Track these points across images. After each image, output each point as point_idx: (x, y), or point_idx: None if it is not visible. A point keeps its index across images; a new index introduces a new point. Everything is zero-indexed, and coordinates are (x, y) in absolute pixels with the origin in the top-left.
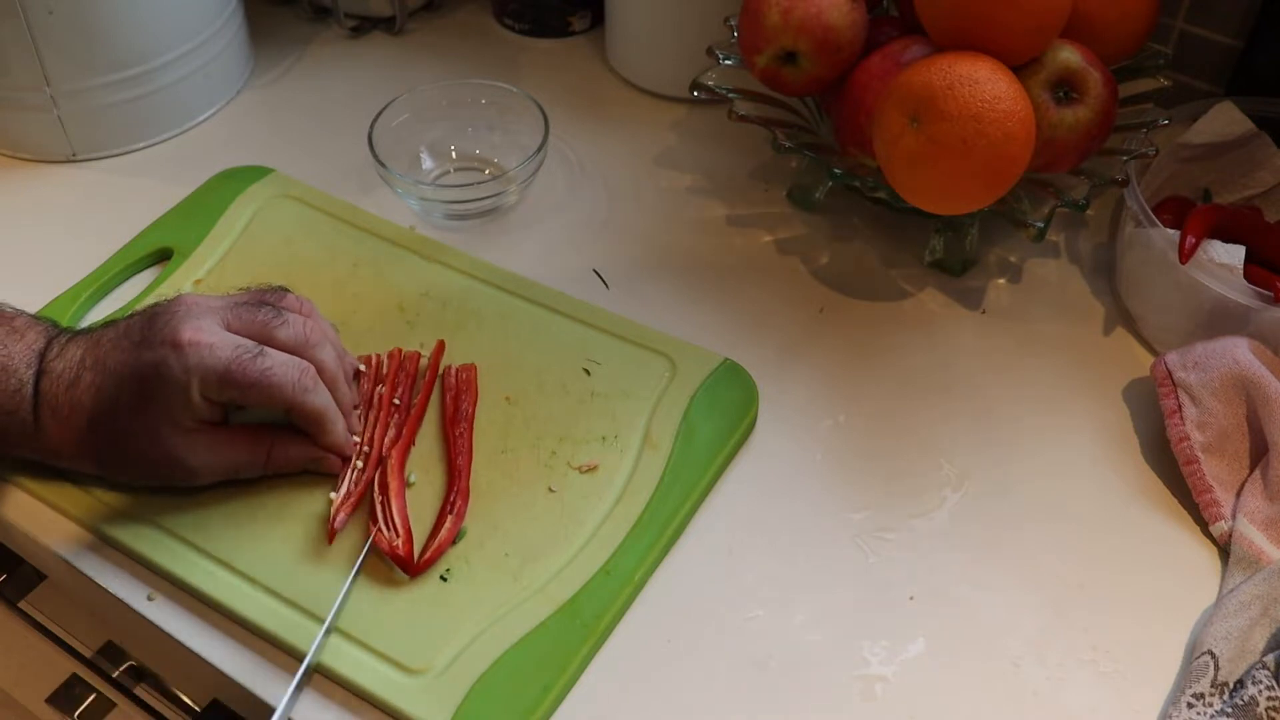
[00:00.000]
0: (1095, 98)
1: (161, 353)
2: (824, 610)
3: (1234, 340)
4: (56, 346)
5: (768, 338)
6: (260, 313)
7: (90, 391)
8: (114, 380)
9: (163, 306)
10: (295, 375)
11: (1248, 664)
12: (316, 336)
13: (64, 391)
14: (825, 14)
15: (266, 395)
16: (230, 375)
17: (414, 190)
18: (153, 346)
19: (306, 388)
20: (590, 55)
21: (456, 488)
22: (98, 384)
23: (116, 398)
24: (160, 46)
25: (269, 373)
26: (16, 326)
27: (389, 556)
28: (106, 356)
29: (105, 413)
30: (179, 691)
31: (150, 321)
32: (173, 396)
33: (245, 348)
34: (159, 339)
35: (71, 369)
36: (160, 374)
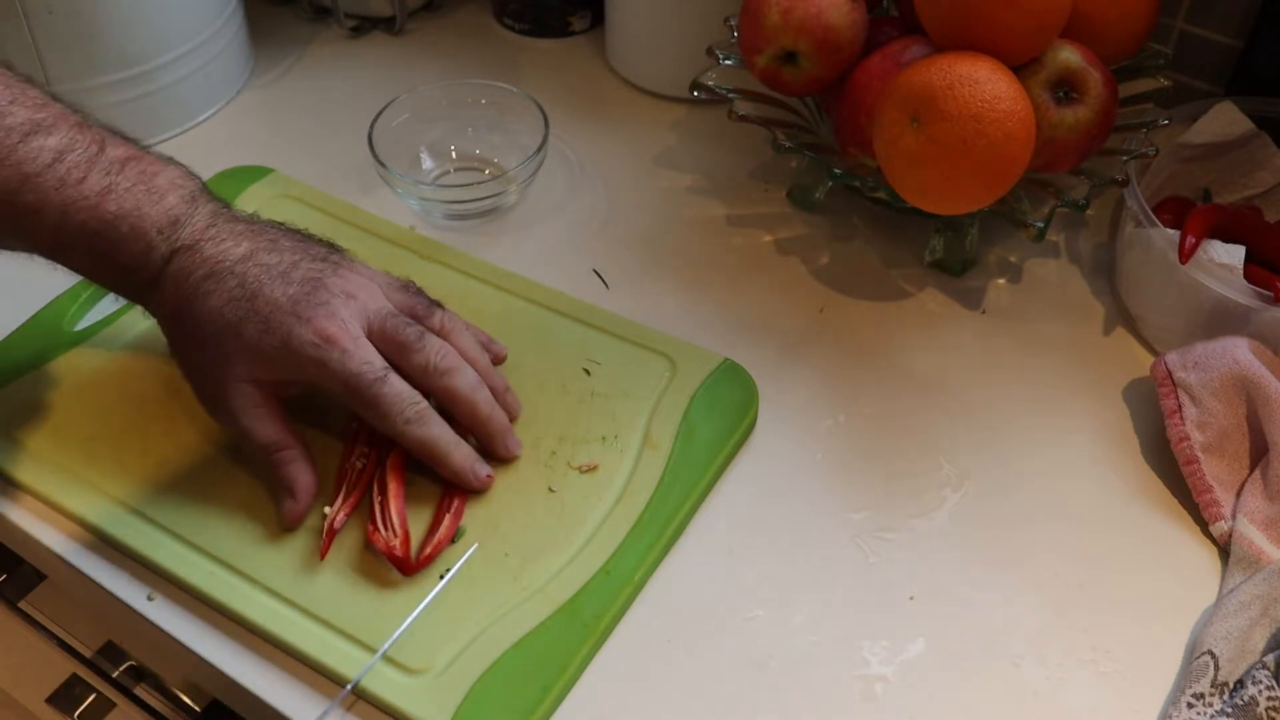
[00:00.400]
0: (1095, 98)
1: (300, 331)
2: (824, 610)
3: (1234, 340)
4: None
5: (768, 338)
6: (404, 331)
7: (220, 298)
8: (243, 312)
9: (329, 272)
10: (403, 408)
11: (1248, 664)
12: (451, 363)
13: (192, 282)
14: (825, 14)
15: (373, 416)
16: (347, 387)
17: (414, 190)
18: (299, 315)
19: (409, 419)
20: (590, 55)
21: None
22: (228, 299)
23: (235, 329)
24: (160, 46)
25: (381, 399)
26: (156, 183)
27: (385, 556)
28: (255, 281)
29: (214, 328)
30: (179, 691)
31: (314, 285)
32: (279, 370)
33: (372, 366)
34: (306, 313)
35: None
36: (287, 345)
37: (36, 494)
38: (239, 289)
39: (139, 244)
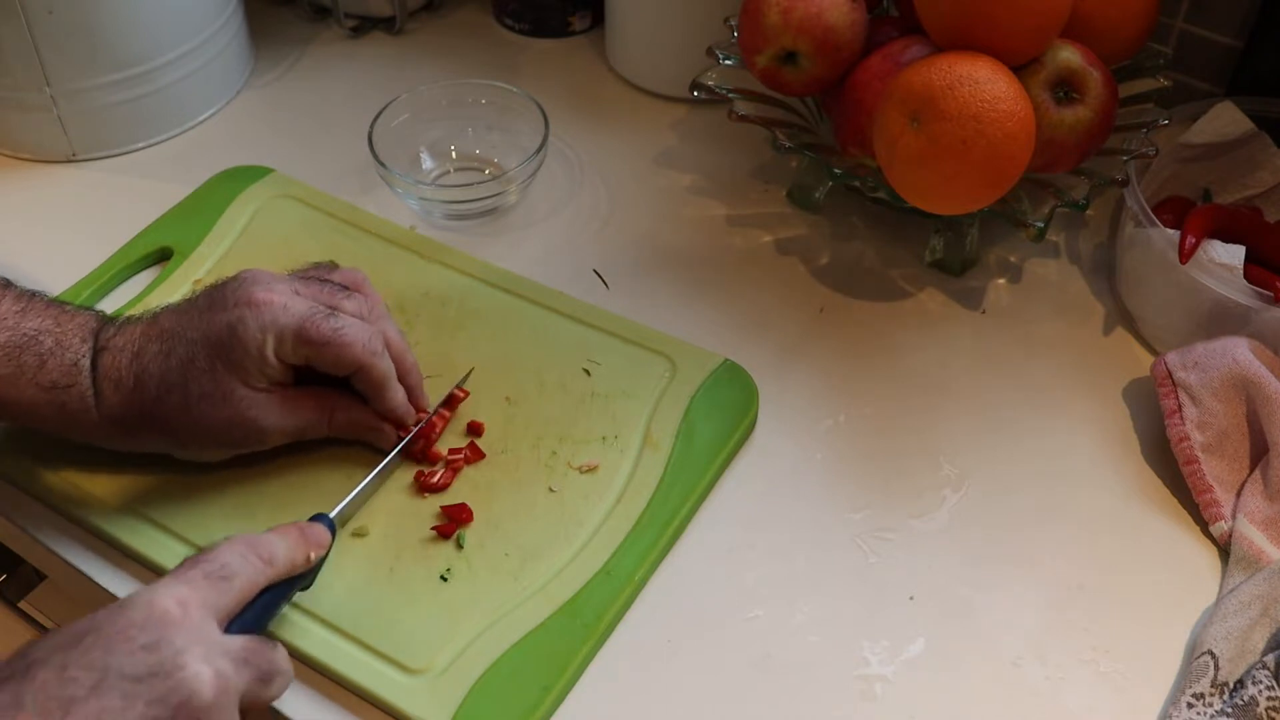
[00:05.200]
0: (1095, 98)
1: (237, 313)
2: (824, 610)
3: (1234, 340)
4: (112, 328)
5: (768, 338)
6: (325, 286)
7: (159, 359)
8: (185, 344)
9: (227, 279)
10: (366, 337)
11: (1248, 664)
12: (380, 310)
13: (127, 364)
14: (825, 14)
15: (337, 354)
16: (304, 332)
17: (414, 190)
18: (226, 308)
19: (375, 350)
20: (590, 55)
21: None
22: (166, 350)
23: (189, 360)
24: (160, 46)
25: (341, 332)
26: (66, 310)
27: None
28: (174, 326)
29: (176, 377)
30: None
31: (218, 289)
32: (248, 355)
33: (318, 308)
34: (232, 301)
35: (133, 342)
36: (236, 333)
37: (36, 494)
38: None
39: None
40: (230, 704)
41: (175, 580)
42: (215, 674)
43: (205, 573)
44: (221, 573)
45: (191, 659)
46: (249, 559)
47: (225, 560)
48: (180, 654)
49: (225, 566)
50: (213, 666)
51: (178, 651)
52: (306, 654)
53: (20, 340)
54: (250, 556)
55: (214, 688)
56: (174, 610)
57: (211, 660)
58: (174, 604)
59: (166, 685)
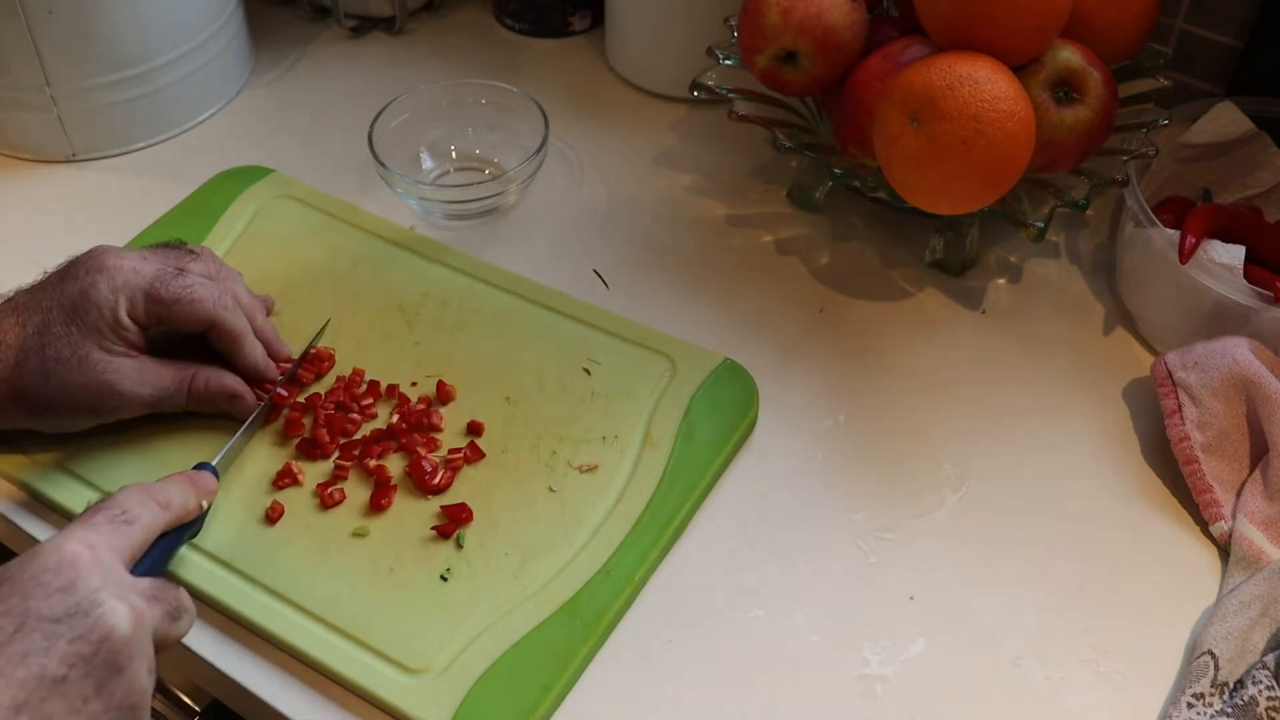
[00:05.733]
0: (1095, 98)
1: (89, 279)
2: (824, 610)
3: (1234, 340)
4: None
5: (768, 338)
6: (173, 252)
7: (15, 330)
8: (40, 312)
9: (79, 255)
10: (215, 293)
11: (1248, 664)
12: (226, 272)
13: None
14: (825, 14)
15: (189, 311)
16: (154, 291)
17: (414, 190)
18: (78, 276)
19: (226, 305)
20: (590, 55)
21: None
22: (22, 321)
23: (45, 327)
24: (160, 46)
25: (191, 289)
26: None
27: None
28: (29, 300)
29: (33, 344)
30: (179, 691)
31: (71, 263)
32: (102, 317)
33: (167, 269)
34: (84, 269)
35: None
36: (88, 296)
37: (35, 493)
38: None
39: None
40: (146, 638)
41: (81, 526)
42: (130, 609)
43: (109, 518)
44: (124, 517)
45: (107, 596)
46: (147, 504)
47: (126, 505)
48: (95, 592)
49: (127, 512)
50: (127, 603)
51: (93, 590)
52: (307, 654)
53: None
54: (148, 501)
55: (131, 622)
56: (84, 553)
57: (125, 597)
58: (83, 548)
59: (86, 622)
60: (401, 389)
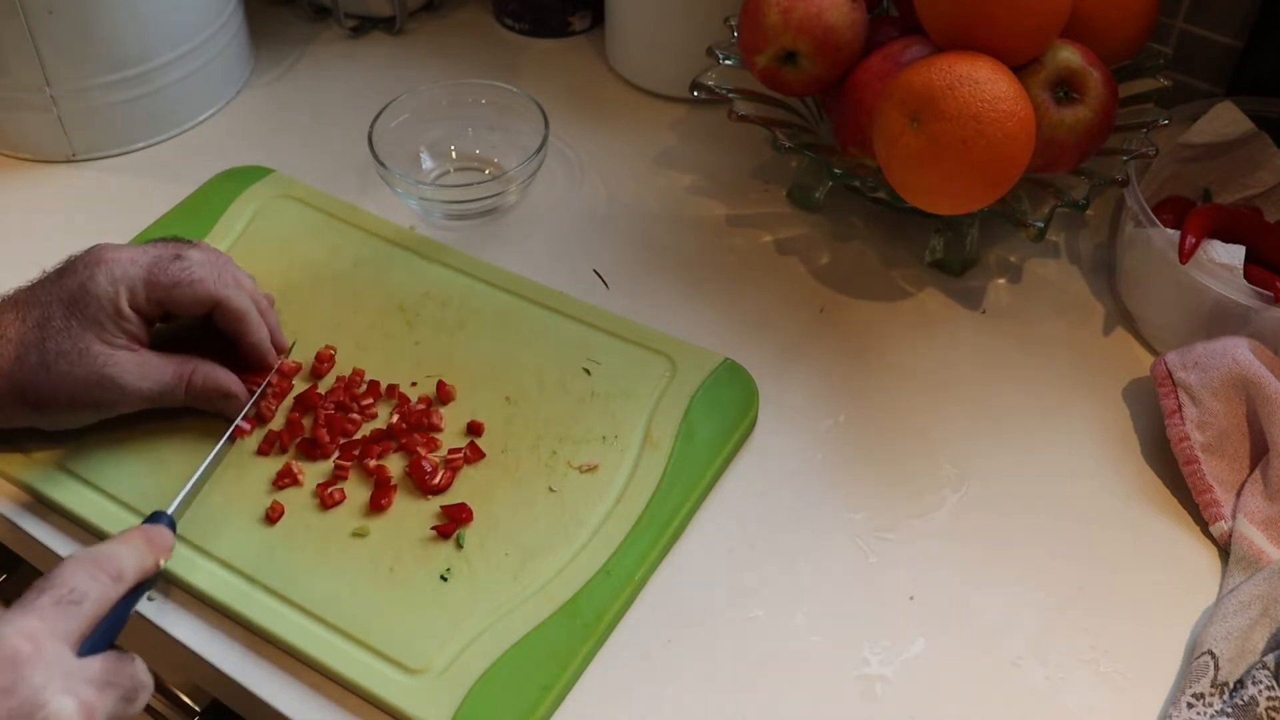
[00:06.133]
0: (1095, 98)
1: (87, 272)
2: (824, 610)
3: (1234, 340)
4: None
5: (768, 338)
6: (169, 243)
7: (15, 325)
8: (40, 307)
9: (78, 253)
10: (215, 273)
11: (1248, 664)
12: (225, 258)
13: None
14: (825, 14)
15: (190, 292)
16: (153, 277)
17: (414, 190)
18: (76, 272)
19: (227, 283)
20: (590, 55)
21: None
22: (22, 316)
23: (45, 320)
24: (160, 46)
25: (189, 270)
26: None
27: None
28: (29, 296)
29: (33, 338)
30: (179, 691)
31: (69, 260)
32: (102, 309)
33: (164, 254)
34: (82, 264)
35: None
36: (88, 289)
37: (35, 493)
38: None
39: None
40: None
41: (23, 613)
42: (79, 704)
43: (54, 599)
44: (71, 597)
45: (52, 694)
46: (97, 578)
47: (73, 584)
48: (39, 692)
49: (74, 591)
50: (76, 698)
51: (36, 690)
52: (307, 654)
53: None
54: (99, 575)
55: (80, 717)
56: (24, 647)
57: (73, 690)
58: (23, 641)
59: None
60: (401, 389)
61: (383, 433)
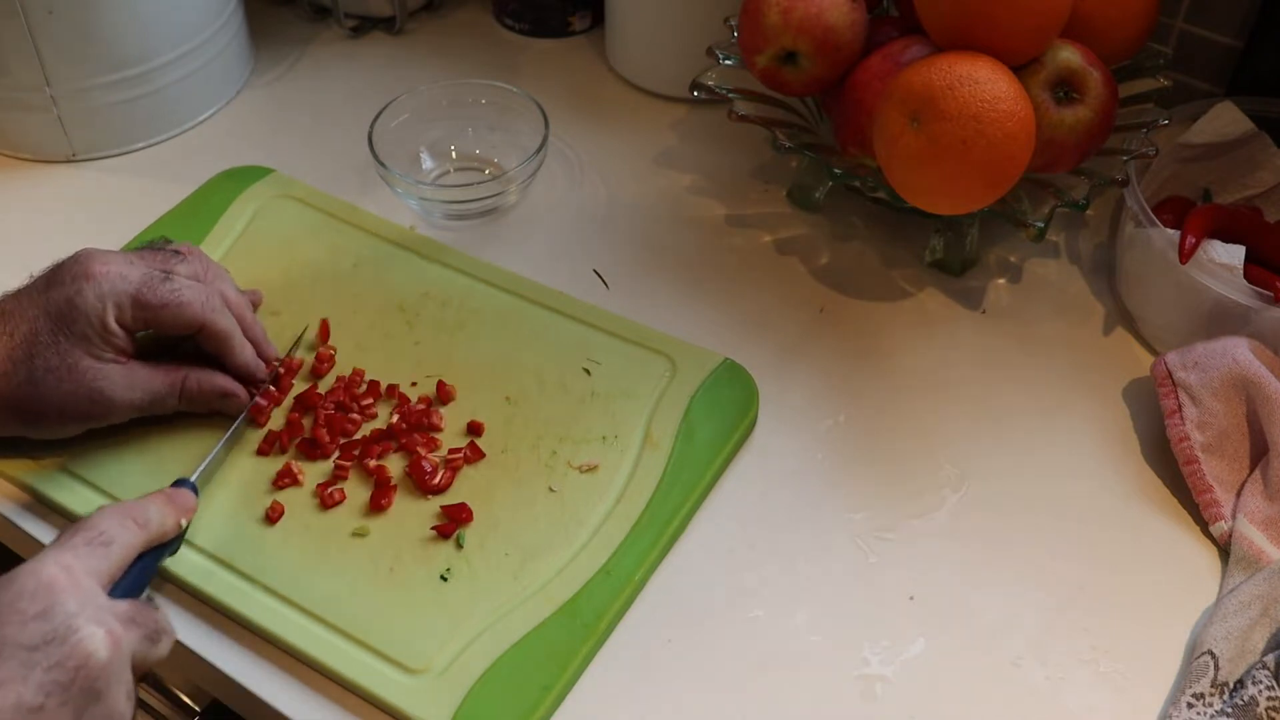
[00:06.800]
0: (1095, 98)
1: (75, 286)
2: (824, 610)
3: (1234, 340)
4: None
5: (768, 338)
6: (159, 255)
7: (2, 340)
8: (27, 321)
9: (64, 259)
10: (203, 296)
11: (1248, 664)
12: (214, 272)
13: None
14: (825, 14)
15: (177, 314)
16: (142, 296)
17: (414, 190)
18: (64, 284)
19: (215, 307)
20: (590, 55)
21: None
22: (9, 330)
23: (33, 336)
24: (160, 46)
25: (178, 293)
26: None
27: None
28: (14, 307)
29: (21, 354)
30: (179, 691)
31: (56, 268)
32: (90, 325)
33: (154, 273)
34: (69, 276)
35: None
36: (75, 304)
37: (35, 493)
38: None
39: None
40: (124, 663)
41: (58, 549)
42: (108, 634)
43: (86, 540)
44: (101, 539)
45: (84, 621)
46: (126, 524)
47: (104, 527)
48: (72, 618)
49: (104, 533)
50: (105, 627)
51: (70, 616)
52: (307, 654)
53: None
54: (127, 522)
55: (108, 647)
56: (60, 577)
57: (103, 621)
58: (60, 571)
59: (63, 650)
60: (401, 389)
61: (383, 433)
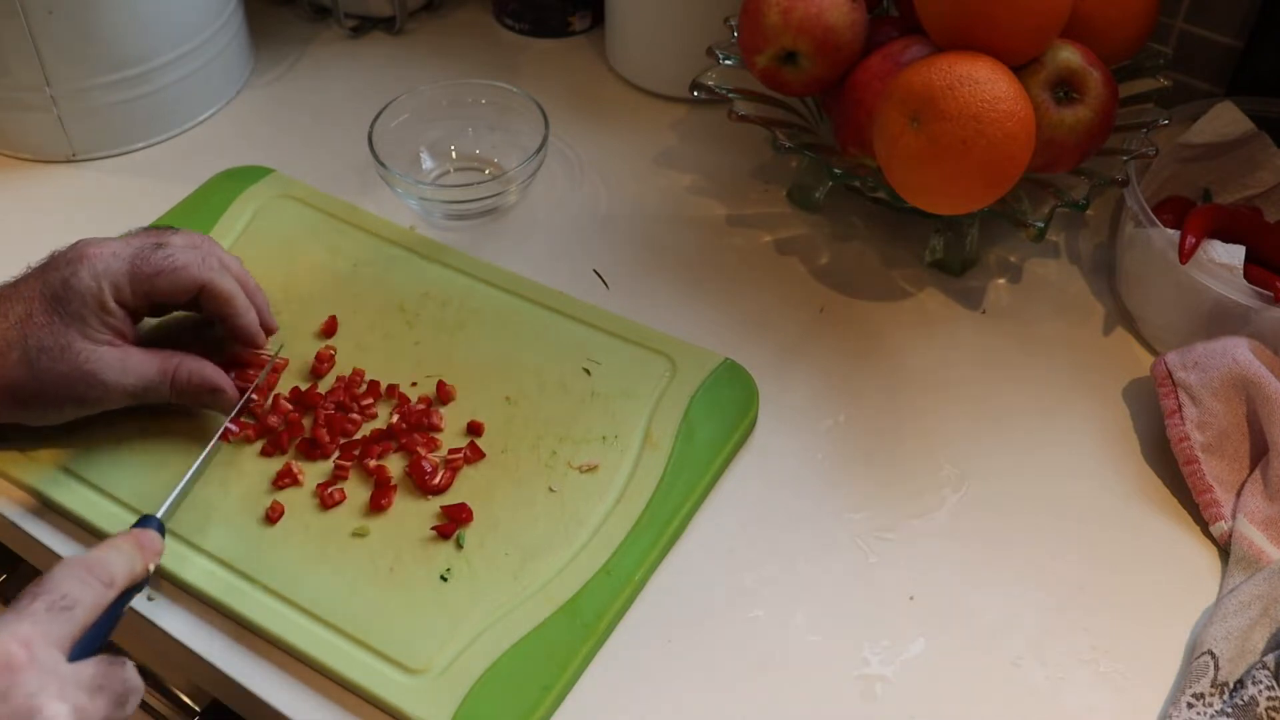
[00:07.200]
0: (1095, 98)
1: (70, 268)
2: (824, 610)
3: (1234, 340)
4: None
5: (768, 338)
6: (151, 232)
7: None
8: (22, 303)
9: (61, 249)
10: (198, 257)
11: (1248, 664)
12: (209, 244)
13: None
14: (825, 14)
15: (174, 279)
16: (136, 268)
17: (414, 190)
18: (59, 267)
19: (212, 267)
20: (590, 55)
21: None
22: (3, 312)
23: (27, 317)
24: (160, 46)
25: (172, 258)
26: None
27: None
28: (9, 292)
29: (15, 335)
30: (179, 691)
31: (51, 257)
32: (86, 305)
33: (146, 244)
34: (64, 260)
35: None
36: (70, 285)
37: (35, 493)
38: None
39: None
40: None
41: (17, 619)
42: (72, 709)
43: (46, 605)
44: (63, 603)
45: (46, 700)
46: (89, 583)
47: (65, 590)
48: (33, 697)
49: (66, 596)
50: (69, 703)
51: (30, 695)
52: (307, 654)
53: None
54: (90, 580)
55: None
56: (19, 654)
57: (66, 696)
58: (17, 647)
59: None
60: (401, 389)
61: (383, 433)
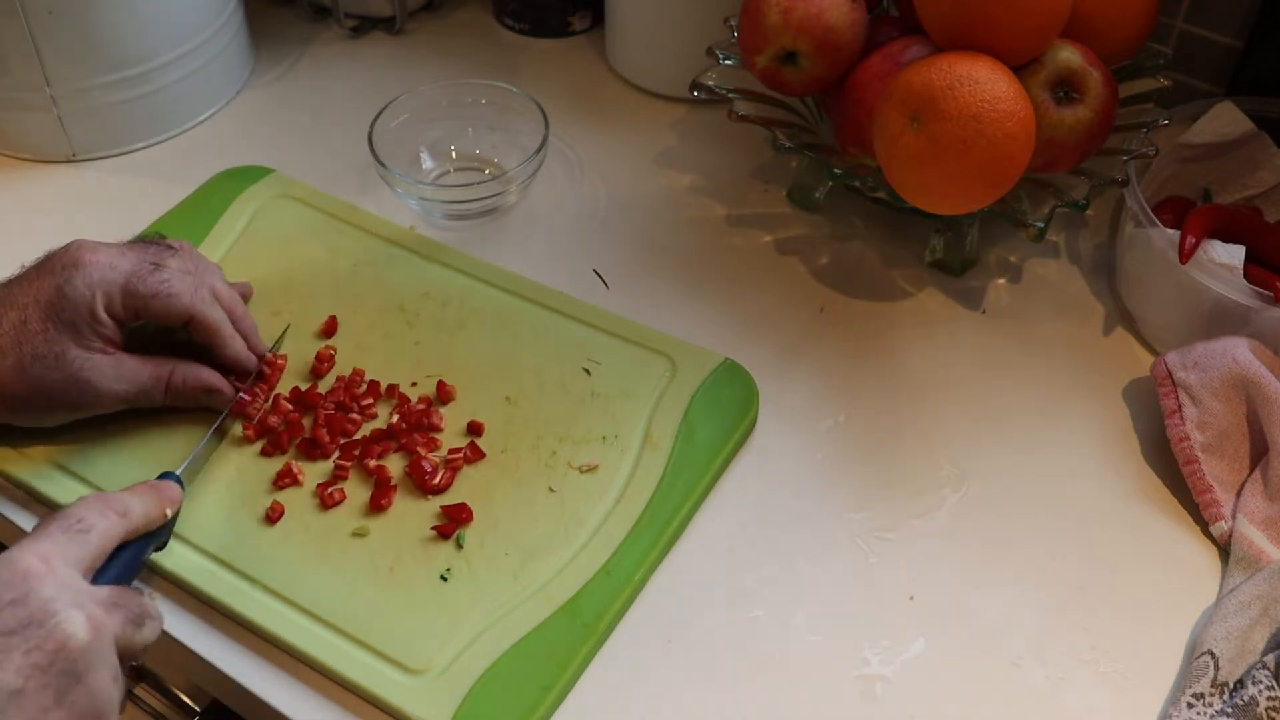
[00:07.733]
0: (1095, 98)
1: (65, 274)
2: (824, 610)
3: (1234, 340)
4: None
5: (768, 338)
6: (150, 248)
7: None
8: (17, 309)
9: (56, 249)
10: (192, 287)
11: (1248, 664)
12: (204, 265)
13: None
14: (825, 14)
15: (166, 305)
16: (131, 286)
17: (414, 190)
18: (54, 271)
19: (204, 299)
20: (590, 55)
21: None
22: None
23: (21, 324)
24: (160, 46)
25: (168, 283)
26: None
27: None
28: (4, 295)
29: (9, 341)
30: (179, 691)
31: (47, 257)
32: (79, 314)
33: (144, 264)
34: (59, 264)
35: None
36: (64, 293)
37: (29, 489)
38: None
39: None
40: (106, 645)
41: (35, 538)
42: (87, 617)
43: (63, 528)
44: (79, 526)
45: (61, 605)
46: (105, 513)
47: (81, 515)
48: (49, 602)
49: (82, 521)
50: (84, 611)
51: (46, 600)
52: (307, 654)
53: None
54: (105, 510)
55: (88, 629)
56: (36, 565)
57: (81, 605)
58: (36, 560)
59: (41, 633)
60: (401, 389)
61: (383, 433)
